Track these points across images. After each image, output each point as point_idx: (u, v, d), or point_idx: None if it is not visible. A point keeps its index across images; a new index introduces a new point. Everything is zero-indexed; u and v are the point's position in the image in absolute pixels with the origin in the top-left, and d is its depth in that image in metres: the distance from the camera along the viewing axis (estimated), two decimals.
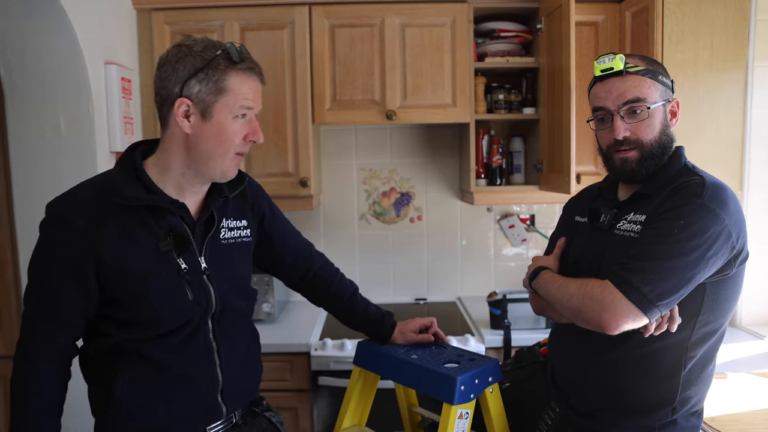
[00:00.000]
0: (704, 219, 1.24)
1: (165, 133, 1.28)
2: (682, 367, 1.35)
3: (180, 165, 1.28)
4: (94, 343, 1.31)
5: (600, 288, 1.27)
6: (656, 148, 1.40)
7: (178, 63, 1.22)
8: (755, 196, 2.36)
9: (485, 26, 2.64)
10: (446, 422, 1.42)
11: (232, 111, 1.25)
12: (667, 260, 1.23)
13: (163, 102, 1.25)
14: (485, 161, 2.77)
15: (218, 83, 1.22)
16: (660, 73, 1.41)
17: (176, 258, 1.29)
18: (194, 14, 2.51)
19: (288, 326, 2.60)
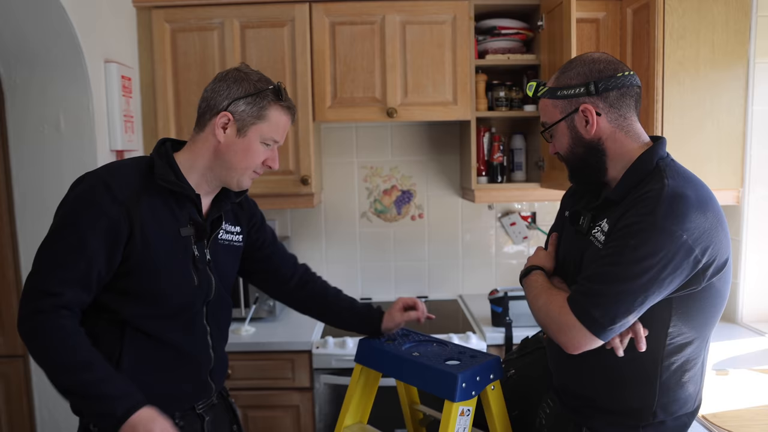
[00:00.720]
0: (655, 238, 1.20)
1: (198, 135, 1.44)
2: (658, 374, 1.34)
3: (204, 166, 1.44)
4: (101, 320, 1.36)
5: (558, 309, 1.30)
6: (574, 161, 1.43)
7: (234, 83, 1.40)
8: (756, 192, 2.36)
9: (486, 23, 2.63)
10: (448, 419, 1.42)
11: (262, 137, 1.43)
12: (617, 284, 1.22)
13: (209, 109, 1.41)
14: (486, 159, 2.76)
15: (261, 111, 1.41)
16: (561, 87, 1.38)
17: (192, 244, 1.43)
18: (194, 12, 2.50)
19: (289, 325, 2.60)
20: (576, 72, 1.37)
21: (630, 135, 1.37)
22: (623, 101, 1.35)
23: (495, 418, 1.52)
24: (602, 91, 1.34)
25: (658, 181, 1.27)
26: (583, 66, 1.37)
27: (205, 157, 1.43)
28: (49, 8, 1.99)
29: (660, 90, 2.23)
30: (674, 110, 2.24)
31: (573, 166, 1.44)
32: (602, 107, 1.35)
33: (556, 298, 1.33)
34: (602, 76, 1.34)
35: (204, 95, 1.44)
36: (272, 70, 2.51)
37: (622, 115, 1.36)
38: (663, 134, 2.23)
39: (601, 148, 1.37)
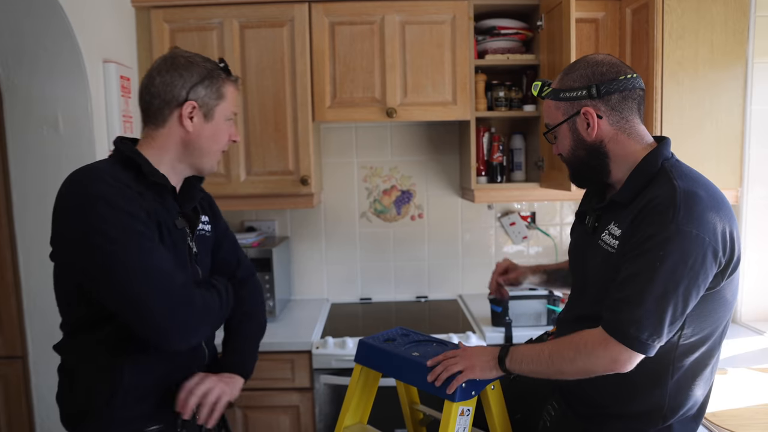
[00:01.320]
0: (683, 245, 1.20)
1: (158, 131, 1.40)
2: (669, 376, 1.34)
3: (173, 159, 1.42)
4: (98, 333, 1.33)
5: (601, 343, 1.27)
6: (575, 162, 1.44)
7: (186, 71, 1.38)
8: (755, 192, 2.36)
9: (485, 23, 2.63)
10: (448, 419, 1.42)
11: (225, 115, 1.44)
12: (658, 301, 1.21)
13: (166, 104, 1.38)
14: (486, 159, 2.76)
15: (219, 90, 1.42)
16: (563, 89, 1.39)
17: (187, 237, 1.43)
18: (194, 12, 2.50)
19: (289, 325, 2.60)
20: (579, 74, 1.37)
21: (632, 137, 1.37)
22: (625, 104, 1.36)
23: (495, 418, 1.52)
24: (604, 94, 1.35)
25: (667, 183, 1.27)
26: (585, 68, 1.37)
27: (173, 151, 1.41)
28: (47, 8, 1.98)
29: (659, 90, 2.23)
30: (673, 110, 2.24)
31: (575, 168, 1.45)
32: (604, 110, 1.36)
33: (583, 338, 1.31)
34: (604, 79, 1.35)
35: (151, 90, 1.38)
36: (271, 71, 2.51)
37: (624, 117, 1.36)
38: (662, 134, 2.23)
39: (603, 150, 1.38)
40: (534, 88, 1.48)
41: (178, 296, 1.27)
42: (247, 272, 1.68)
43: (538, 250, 3.05)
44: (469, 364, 1.41)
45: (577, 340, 1.31)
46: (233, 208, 2.63)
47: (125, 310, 1.25)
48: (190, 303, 1.29)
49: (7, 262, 2.32)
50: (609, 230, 1.36)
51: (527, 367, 1.38)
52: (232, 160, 2.55)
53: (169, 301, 1.25)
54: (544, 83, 1.46)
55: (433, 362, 1.46)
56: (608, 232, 1.36)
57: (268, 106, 2.53)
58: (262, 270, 2.56)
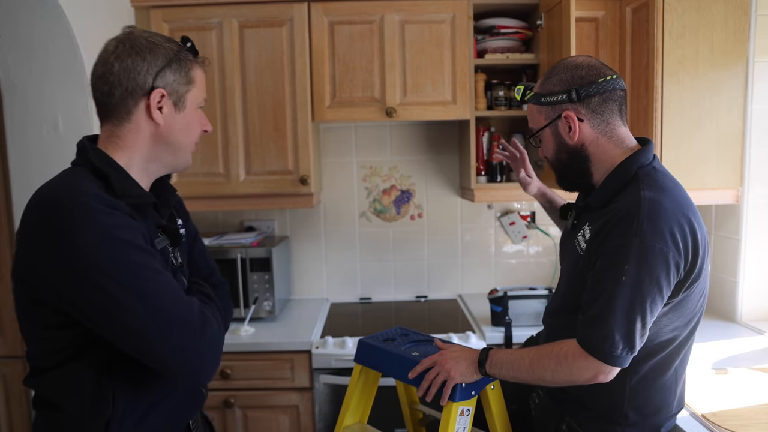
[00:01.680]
0: (647, 259, 1.23)
1: (123, 127, 1.20)
2: (627, 380, 1.37)
3: (143, 159, 1.22)
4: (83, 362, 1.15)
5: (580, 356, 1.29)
6: (559, 166, 1.46)
7: (149, 53, 1.18)
8: (755, 191, 2.35)
9: (485, 23, 2.63)
10: (447, 419, 1.42)
11: (197, 102, 1.27)
12: (627, 315, 1.24)
13: (129, 94, 1.17)
14: (486, 158, 2.76)
15: (188, 74, 1.23)
16: (544, 93, 1.41)
17: (170, 254, 1.27)
18: (193, 11, 2.50)
19: (289, 325, 2.60)
20: (558, 78, 1.38)
21: (613, 140, 1.38)
22: (606, 106, 1.36)
23: (495, 417, 1.52)
24: (584, 98, 1.36)
25: (636, 193, 1.29)
26: (565, 72, 1.38)
27: (143, 150, 1.21)
28: (46, 8, 1.98)
29: (659, 89, 2.23)
30: (673, 109, 2.24)
31: (559, 171, 1.48)
32: (584, 113, 1.37)
33: (563, 350, 1.33)
34: (584, 83, 1.35)
35: (110, 79, 1.17)
36: (271, 70, 2.51)
37: (605, 120, 1.37)
38: (662, 133, 2.23)
39: (585, 153, 1.40)
40: (517, 92, 1.50)
41: (200, 329, 1.13)
42: (218, 280, 1.48)
43: (537, 249, 3.04)
44: (447, 371, 1.42)
45: (558, 350, 1.33)
46: (232, 208, 2.63)
47: (147, 355, 1.11)
48: (209, 334, 1.15)
49: (7, 262, 2.32)
50: (583, 231, 1.39)
51: (507, 373, 1.39)
52: (232, 160, 2.54)
53: (192, 337, 1.11)
54: (526, 87, 1.48)
55: (414, 374, 1.47)
56: (582, 233, 1.40)
57: (268, 105, 2.53)
58: (262, 270, 2.57)
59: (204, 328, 1.14)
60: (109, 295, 1.05)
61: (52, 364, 1.17)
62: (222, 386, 2.37)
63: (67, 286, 1.07)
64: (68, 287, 1.07)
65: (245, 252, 2.57)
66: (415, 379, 1.51)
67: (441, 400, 1.42)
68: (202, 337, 1.13)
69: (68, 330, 1.13)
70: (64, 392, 1.17)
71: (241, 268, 2.57)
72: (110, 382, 1.15)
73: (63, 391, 1.17)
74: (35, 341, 1.20)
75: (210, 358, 1.15)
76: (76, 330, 1.12)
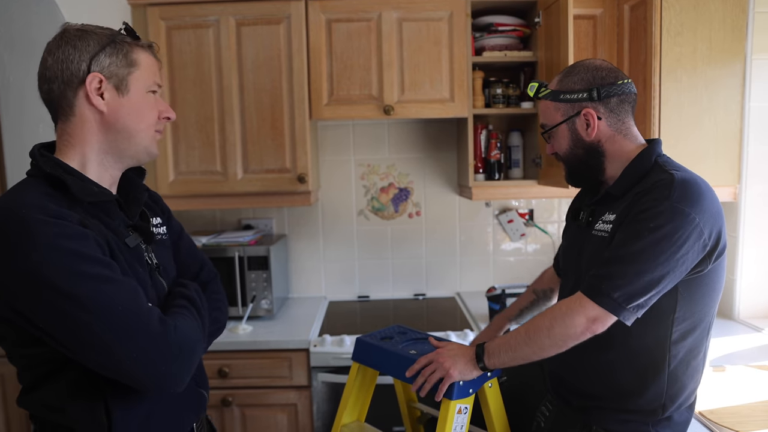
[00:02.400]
0: (674, 220, 1.25)
1: (70, 123, 1.17)
2: (667, 365, 1.37)
3: (97, 152, 1.18)
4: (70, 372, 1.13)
5: (575, 301, 1.31)
6: (573, 161, 1.49)
7: (79, 41, 1.14)
8: (753, 189, 2.36)
9: (483, 20, 2.63)
10: (445, 417, 1.41)
11: (146, 85, 1.20)
12: (635, 264, 1.26)
13: (66, 86, 1.14)
14: (483, 156, 2.76)
15: (128, 56, 1.17)
16: (563, 91, 1.45)
17: (144, 253, 1.23)
18: (190, 9, 2.49)
19: (287, 323, 2.60)
20: (579, 77, 1.44)
21: (628, 137, 1.45)
22: (622, 107, 1.43)
23: (493, 415, 1.52)
24: (604, 98, 1.41)
25: (664, 173, 1.33)
26: (586, 72, 1.43)
27: (93, 141, 1.17)
28: (43, 6, 1.98)
29: (657, 87, 2.23)
30: (671, 107, 2.23)
31: (572, 166, 1.51)
32: (603, 112, 1.42)
33: (558, 305, 1.35)
34: (604, 83, 1.42)
35: (47, 75, 1.14)
36: (268, 68, 2.51)
37: (621, 119, 1.44)
38: (660, 131, 2.24)
39: (601, 149, 1.44)
40: (530, 89, 1.53)
41: (160, 338, 1.08)
42: (209, 275, 1.46)
43: (535, 247, 3.04)
44: (445, 369, 1.42)
45: (553, 308, 1.36)
46: (230, 206, 2.62)
47: (104, 366, 1.07)
48: (174, 341, 1.10)
49: None
50: (603, 219, 1.42)
51: (507, 356, 1.39)
52: (229, 158, 2.54)
53: (151, 348, 1.06)
54: (540, 84, 1.51)
55: (411, 372, 1.47)
56: (602, 221, 1.42)
57: (265, 103, 2.52)
58: (260, 268, 2.56)
59: (165, 336, 1.08)
60: (56, 308, 1.02)
61: (35, 382, 1.15)
62: (220, 385, 2.37)
63: (19, 302, 1.04)
64: (20, 303, 1.04)
65: (243, 250, 2.57)
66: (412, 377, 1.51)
67: (436, 396, 1.42)
68: (164, 344, 1.08)
69: (38, 347, 1.10)
70: (54, 409, 1.15)
71: (239, 267, 2.56)
72: (100, 395, 1.12)
73: (52, 408, 1.15)
74: (14, 360, 1.18)
75: (179, 366, 1.11)
76: (45, 347, 1.09)
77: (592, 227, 1.45)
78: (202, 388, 1.38)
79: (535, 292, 1.89)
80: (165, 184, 2.55)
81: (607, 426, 1.42)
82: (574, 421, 1.48)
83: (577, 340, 1.32)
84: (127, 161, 1.23)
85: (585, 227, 1.49)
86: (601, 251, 1.36)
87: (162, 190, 2.54)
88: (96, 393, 1.12)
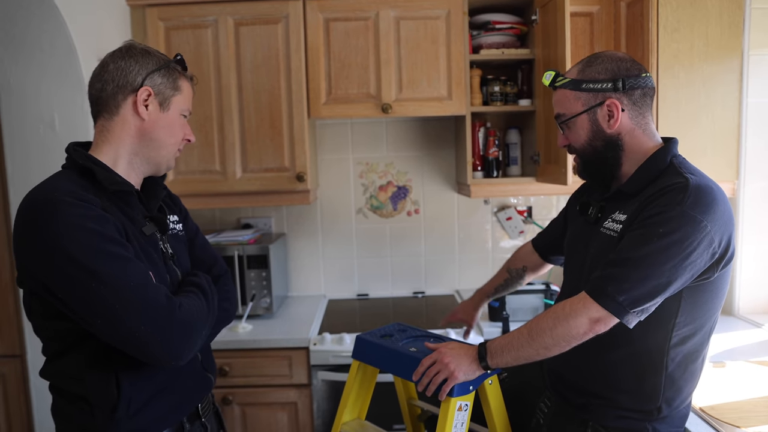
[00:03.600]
0: (685, 227, 1.23)
1: (111, 122, 1.32)
2: (664, 367, 1.37)
3: (129, 152, 1.33)
4: (89, 345, 1.25)
5: (579, 302, 1.30)
6: (590, 154, 1.45)
7: (143, 58, 1.32)
8: (751, 185, 2.36)
9: (480, 18, 2.63)
10: (446, 415, 1.42)
11: (181, 109, 1.38)
12: (643, 268, 1.24)
13: (120, 89, 1.30)
14: (482, 153, 2.76)
15: (175, 81, 1.36)
16: (586, 80, 1.41)
17: (160, 241, 1.37)
18: (188, 10, 2.49)
19: (287, 321, 2.60)
20: (603, 67, 1.40)
21: (647, 133, 1.41)
22: (644, 101, 1.40)
23: (493, 412, 1.52)
24: (628, 89, 1.38)
25: (679, 176, 1.31)
26: (610, 62, 1.40)
27: (128, 142, 1.32)
28: (42, 8, 1.98)
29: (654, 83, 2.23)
30: (669, 104, 2.24)
31: (587, 159, 1.46)
32: (626, 104, 1.39)
33: (561, 305, 1.34)
34: (630, 74, 1.38)
35: (104, 77, 1.30)
36: (266, 67, 2.51)
37: (642, 113, 1.41)
38: (658, 128, 2.24)
39: (620, 143, 1.41)
40: (546, 78, 1.48)
41: (166, 312, 1.19)
42: (221, 270, 1.58)
43: None
44: (450, 371, 1.42)
45: (555, 307, 1.35)
46: (229, 206, 2.63)
47: (113, 337, 1.18)
48: (179, 316, 1.21)
49: (5, 261, 2.32)
50: (612, 218, 1.40)
51: (510, 355, 1.38)
52: (228, 157, 2.54)
53: (157, 320, 1.17)
54: (557, 73, 1.47)
55: (418, 376, 1.47)
56: (612, 219, 1.40)
57: (264, 102, 2.53)
58: (259, 267, 2.57)
59: (172, 311, 1.20)
60: (75, 280, 1.14)
61: (56, 352, 1.29)
62: (220, 383, 2.38)
63: (43, 273, 1.17)
64: (44, 275, 1.17)
65: (242, 249, 2.57)
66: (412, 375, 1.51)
67: (439, 395, 1.43)
68: (170, 320, 1.19)
69: (62, 320, 1.22)
70: (69, 379, 1.28)
71: (238, 266, 2.57)
72: (112, 368, 1.24)
73: (68, 378, 1.28)
74: (39, 332, 1.31)
75: (181, 339, 1.22)
76: (69, 321, 1.21)
77: (600, 224, 1.44)
78: (209, 372, 1.48)
79: (508, 271, 1.94)
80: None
81: (605, 422, 1.42)
82: (572, 417, 1.49)
83: (580, 340, 1.31)
84: (150, 168, 1.38)
85: (593, 223, 1.47)
86: (608, 251, 1.35)
87: None
88: (109, 366, 1.25)
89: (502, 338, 1.41)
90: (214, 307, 1.38)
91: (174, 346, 1.21)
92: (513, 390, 1.66)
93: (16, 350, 2.35)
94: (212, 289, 1.41)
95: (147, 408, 1.29)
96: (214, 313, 1.38)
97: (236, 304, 1.58)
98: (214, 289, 1.42)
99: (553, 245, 1.83)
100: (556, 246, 1.81)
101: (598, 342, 1.34)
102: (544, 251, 1.88)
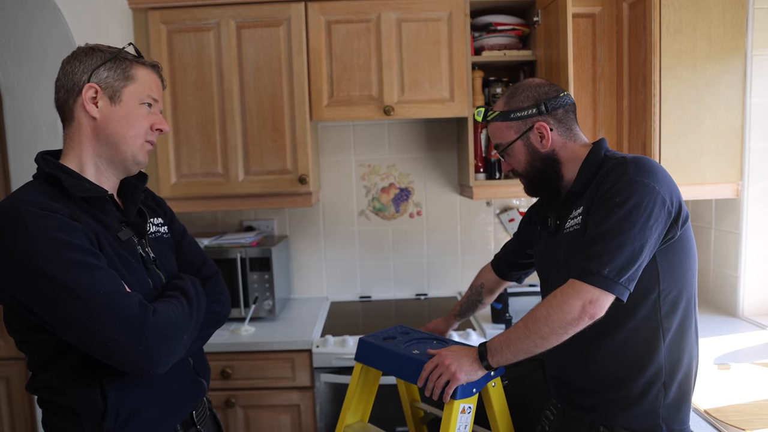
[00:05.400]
0: (637, 192, 1.32)
1: (70, 129, 1.30)
2: (662, 339, 1.40)
3: (92, 155, 1.30)
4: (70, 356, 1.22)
5: (569, 287, 1.33)
6: (533, 174, 1.57)
7: (85, 57, 1.28)
8: (756, 185, 2.35)
9: (482, 20, 2.63)
10: (449, 417, 1.41)
11: (139, 98, 1.31)
12: (615, 238, 1.31)
13: (69, 94, 1.28)
14: (484, 155, 2.76)
15: (126, 71, 1.30)
16: (513, 110, 1.54)
17: (137, 246, 1.32)
18: (190, 13, 2.50)
19: (289, 324, 2.60)
20: (525, 95, 1.54)
21: (577, 142, 1.55)
22: (568, 116, 1.54)
23: (496, 415, 1.52)
24: (551, 110, 1.53)
25: (616, 158, 1.43)
26: (530, 90, 1.54)
27: (88, 145, 1.28)
28: (45, 11, 1.98)
29: (657, 84, 2.22)
30: (672, 104, 2.23)
31: (531, 179, 1.58)
32: (553, 123, 1.52)
33: (552, 294, 1.36)
34: (549, 97, 1.53)
35: (57, 85, 1.30)
36: (268, 70, 2.51)
37: (569, 127, 1.54)
38: (661, 129, 2.24)
39: (556, 158, 1.53)
40: (477, 114, 1.62)
41: (138, 320, 1.15)
42: (210, 271, 1.54)
43: None
44: (452, 373, 1.42)
45: (548, 297, 1.37)
46: (231, 208, 2.63)
47: (89, 347, 1.15)
48: (153, 323, 1.17)
49: None
50: (570, 217, 1.48)
51: (509, 352, 1.39)
52: (230, 160, 2.54)
53: (129, 328, 1.14)
54: (486, 109, 1.61)
55: (422, 382, 1.47)
56: (570, 218, 1.48)
57: (266, 105, 2.53)
58: (262, 269, 2.57)
59: (145, 318, 1.16)
60: (45, 292, 1.12)
61: (39, 365, 1.26)
62: (223, 386, 2.37)
63: (14, 287, 1.14)
64: (15, 289, 1.14)
65: (245, 252, 2.57)
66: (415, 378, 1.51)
67: (443, 398, 1.42)
68: (143, 327, 1.15)
69: (40, 333, 1.20)
70: (54, 392, 1.25)
71: (240, 268, 2.57)
72: (97, 378, 1.21)
73: (53, 390, 1.25)
74: (20, 346, 1.27)
75: (158, 346, 1.17)
76: (48, 333, 1.19)
77: (562, 229, 1.51)
78: (201, 377, 1.45)
79: (471, 288, 2.02)
80: (167, 187, 2.55)
81: (614, 423, 1.42)
82: (581, 421, 1.48)
83: (576, 326, 1.31)
84: (117, 167, 1.33)
85: (555, 232, 1.54)
86: (578, 243, 1.41)
87: (164, 192, 2.54)
88: (93, 376, 1.21)
89: (500, 336, 1.43)
90: (200, 310, 1.34)
91: (151, 353, 1.16)
92: (517, 394, 1.66)
93: (19, 353, 2.35)
94: (198, 291, 1.37)
95: (137, 416, 1.26)
96: (198, 316, 1.33)
97: (228, 305, 1.54)
98: (201, 291, 1.38)
99: (507, 262, 1.93)
100: (510, 263, 1.92)
101: (587, 337, 1.36)
102: (500, 268, 1.96)
